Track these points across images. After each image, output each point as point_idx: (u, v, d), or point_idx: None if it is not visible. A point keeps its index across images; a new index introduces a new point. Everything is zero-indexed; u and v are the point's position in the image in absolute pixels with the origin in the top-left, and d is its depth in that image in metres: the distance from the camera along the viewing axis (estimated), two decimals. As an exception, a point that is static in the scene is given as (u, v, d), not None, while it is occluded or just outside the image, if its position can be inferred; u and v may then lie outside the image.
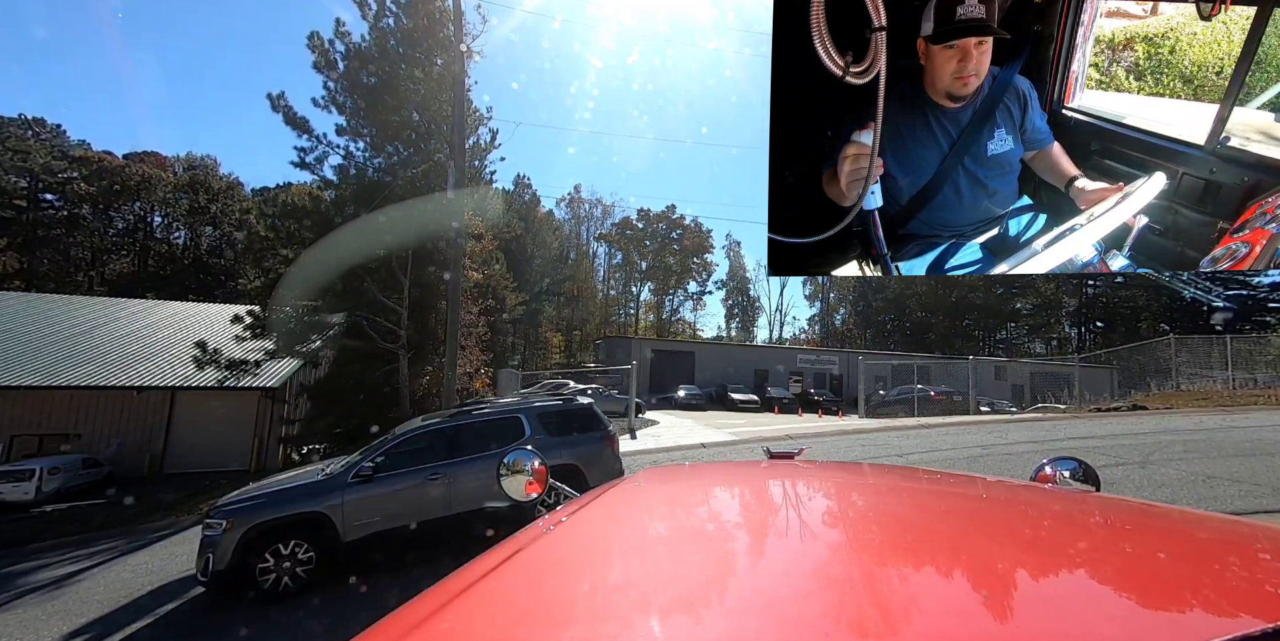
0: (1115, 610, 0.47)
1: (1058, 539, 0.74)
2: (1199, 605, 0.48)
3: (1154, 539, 0.71)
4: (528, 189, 47.88)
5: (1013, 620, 0.45)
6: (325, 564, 4.03)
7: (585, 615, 0.52)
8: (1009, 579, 0.56)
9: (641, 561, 0.68)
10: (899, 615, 0.47)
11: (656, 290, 54.91)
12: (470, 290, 18.03)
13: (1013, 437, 7.53)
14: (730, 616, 0.49)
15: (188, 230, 41.68)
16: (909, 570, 0.59)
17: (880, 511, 0.91)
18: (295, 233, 13.61)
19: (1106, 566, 0.60)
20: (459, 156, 12.63)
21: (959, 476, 1.21)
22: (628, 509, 0.98)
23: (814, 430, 10.01)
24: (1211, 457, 5.66)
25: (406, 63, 14.03)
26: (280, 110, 12.86)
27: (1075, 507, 0.89)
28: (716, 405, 24.03)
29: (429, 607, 0.56)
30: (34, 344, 16.84)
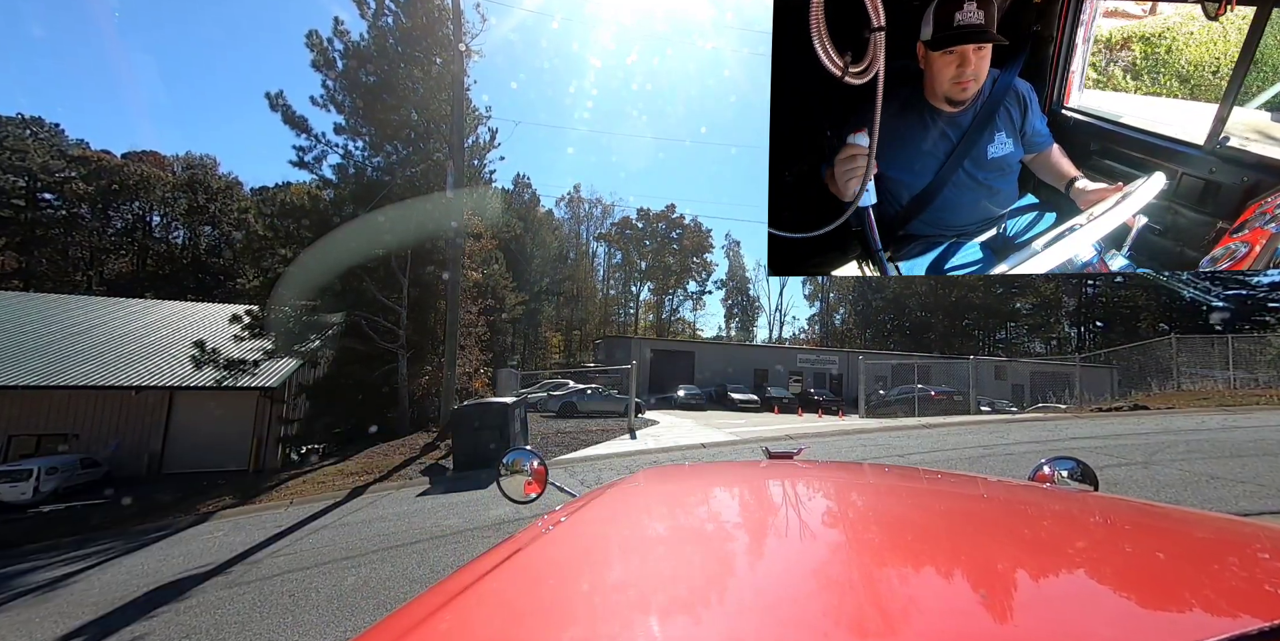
0: (1114, 609, 0.48)
1: (1056, 538, 0.74)
2: (1198, 604, 0.48)
3: (1153, 538, 0.71)
4: (527, 188, 47.85)
5: (1011, 620, 0.45)
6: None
7: (584, 615, 0.51)
8: (1008, 578, 0.56)
9: (640, 561, 0.68)
10: (898, 615, 0.47)
11: (656, 290, 54.90)
12: (470, 289, 18.00)
13: (1014, 437, 7.50)
14: (729, 616, 0.48)
15: (186, 230, 41.62)
16: (908, 570, 0.59)
17: (879, 511, 0.90)
18: (294, 232, 13.57)
19: (1105, 566, 0.60)
20: (458, 156, 12.58)
21: (958, 476, 1.20)
22: (626, 509, 0.98)
23: (814, 430, 9.97)
24: (1215, 458, 5.63)
25: (405, 62, 13.99)
26: (279, 109, 12.80)
27: (1074, 507, 0.89)
28: (716, 405, 24.01)
29: (428, 608, 0.55)
30: (31, 343, 16.79)
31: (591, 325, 51.60)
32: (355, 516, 6.11)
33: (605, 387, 18.25)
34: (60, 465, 13.68)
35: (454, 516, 5.64)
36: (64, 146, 37.77)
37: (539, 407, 17.18)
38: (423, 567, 4.14)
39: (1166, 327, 42.71)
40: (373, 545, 4.88)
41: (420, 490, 7.22)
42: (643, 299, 56.14)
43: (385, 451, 10.32)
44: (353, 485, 7.83)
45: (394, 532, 5.25)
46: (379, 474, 8.38)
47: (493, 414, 8.43)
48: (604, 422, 13.13)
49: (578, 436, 10.51)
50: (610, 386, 19.02)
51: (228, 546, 5.44)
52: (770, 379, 29.80)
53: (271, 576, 4.36)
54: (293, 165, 13.25)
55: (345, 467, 9.00)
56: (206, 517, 6.81)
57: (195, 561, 5.08)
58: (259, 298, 14.11)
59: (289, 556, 4.81)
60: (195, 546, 5.69)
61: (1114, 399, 10.94)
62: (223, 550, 5.32)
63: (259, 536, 5.61)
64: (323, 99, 13.56)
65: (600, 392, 17.41)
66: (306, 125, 13.13)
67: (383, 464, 9.07)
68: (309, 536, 5.42)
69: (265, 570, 4.57)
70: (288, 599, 3.79)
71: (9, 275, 33.07)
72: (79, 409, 15.91)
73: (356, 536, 5.24)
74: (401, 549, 4.68)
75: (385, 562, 4.35)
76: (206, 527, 6.45)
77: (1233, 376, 11.50)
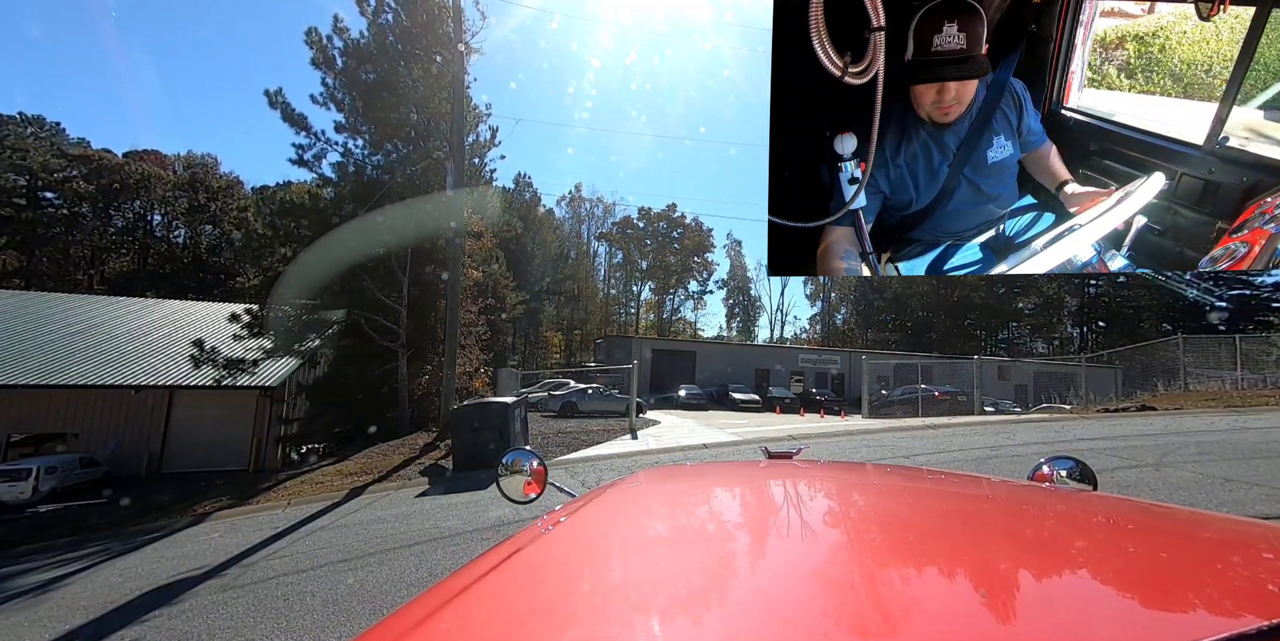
0: (1114, 609, 0.47)
1: (1056, 538, 0.74)
2: (1198, 603, 0.48)
3: (1153, 538, 0.71)
4: (528, 188, 47.79)
5: (1010, 619, 0.45)
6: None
7: (584, 615, 0.51)
8: (1007, 578, 0.56)
9: (640, 561, 0.68)
10: (897, 614, 0.46)
11: (657, 289, 54.83)
12: (470, 288, 17.93)
13: (1021, 438, 7.40)
14: (729, 616, 0.48)
15: (187, 229, 41.60)
16: (907, 570, 0.59)
17: (878, 511, 0.90)
18: (293, 231, 13.50)
19: (1105, 565, 0.60)
20: (458, 154, 12.50)
21: (957, 475, 1.20)
22: (626, 509, 0.98)
23: (818, 430, 9.87)
24: (1226, 459, 5.53)
25: (405, 60, 13.91)
26: (278, 106, 12.73)
27: (1074, 507, 0.89)
28: (717, 405, 23.93)
29: (427, 608, 0.55)
30: (31, 343, 16.75)
31: (592, 325, 51.51)
32: (353, 517, 6.02)
33: (606, 387, 18.18)
34: (59, 464, 13.64)
35: (453, 518, 5.56)
36: (65, 145, 37.76)
37: (540, 407, 17.12)
38: (420, 570, 4.05)
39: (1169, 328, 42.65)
40: (370, 547, 4.80)
41: (419, 491, 7.14)
42: (643, 298, 56.11)
43: (384, 451, 10.24)
44: (351, 485, 7.75)
45: (392, 534, 5.16)
46: (378, 474, 8.30)
47: (492, 414, 8.34)
48: (605, 422, 13.04)
49: (579, 436, 10.43)
50: (611, 386, 18.94)
51: (223, 548, 5.36)
52: (772, 379, 29.70)
53: (266, 579, 4.28)
54: (292, 163, 13.18)
55: (344, 468, 8.91)
56: (203, 518, 6.73)
57: (190, 564, 4.99)
58: (259, 297, 14.06)
59: (285, 559, 4.73)
60: (191, 548, 5.61)
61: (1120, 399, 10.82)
62: (218, 552, 5.23)
63: (255, 538, 5.52)
64: (323, 97, 13.49)
65: (601, 392, 17.33)
66: (306, 123, 13.06)
67: (382, 464, 8.99)
68: (306, 538, 5.34)
69: (260, 573, 4.48)
70: (282, 603, 3.70)
71: (10, 274, 33.06)
72: (78, 408, 15.87)
73: (354, 538, 5.15)
74: (399, 551, 4.59)
75: (382, 565, 4.26)
76: (203, 528, 6.36)
77: (1240, 377, 11.38)
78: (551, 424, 12.90)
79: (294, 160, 13.19)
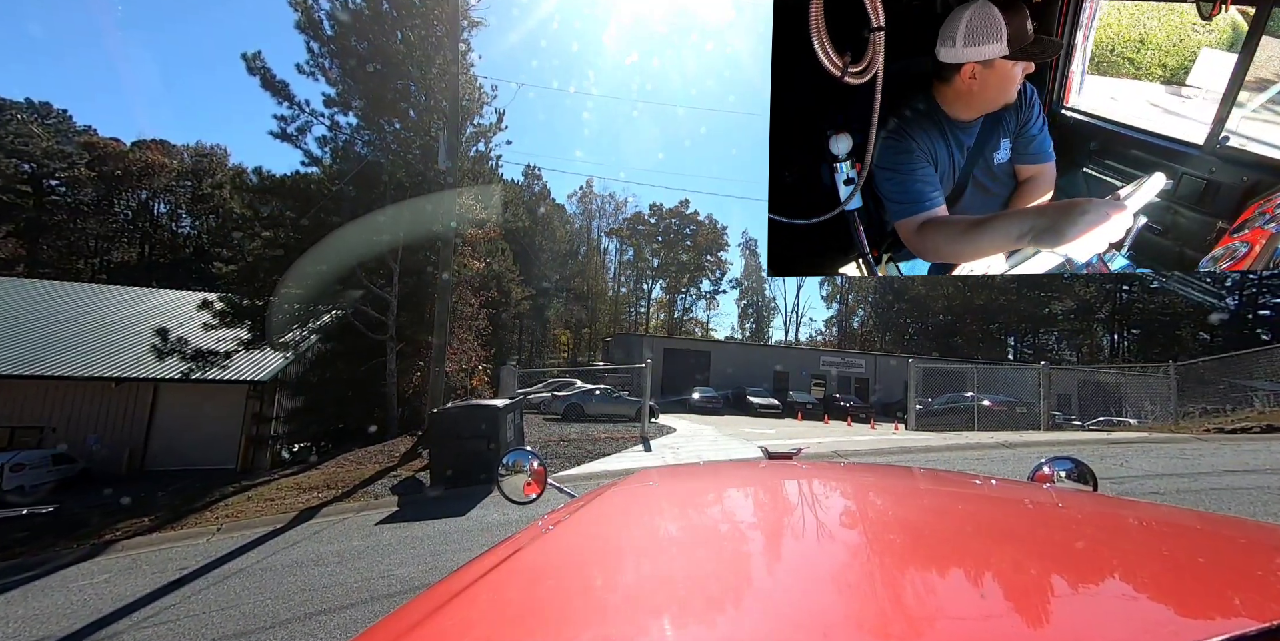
0: (1115, 609, 0.47)
1: (1057, 538, 0.73)
2: (1199, 603, 0.48)
3: (1154, 538, 0.71)
4: (537, 180, 46.67)
5: (1010, 619, 0.45)
6: None
7: (583, 616, 0.50)
8: (1007, 578, 0.55)
9: (640, 562, 0.67)
10: (896, 614, 0.46)
11: (668, 288, 53.30)
12: (471, 279, 16.70)
13: (1139, 467, 5.82)
14: (729, 617, 0.48)
15: (191, 218, 41.05)
16: (907, 570, 0.58)
17: (878, 511, 0.89)
18: (275, 212, 12.37)
19: (1106, 565, 0.60)
20: (453, 125, 11.21)
21: (956, 476, 1.19)
22: (626, 509, 0.96)
23: (866, 445, 8.34)
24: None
25: (402, 28, 12.69)
26: (257, 72, 11.51)
27: (1074, 507, 0.88)
28: (733, 409, 22.49)
29: (427, 608, 0.55)
30: (11, 331, 15.83)
31: (601, 323, 50.23)
32: (286, 556, 4.67)
33: (615, 388, 16.87)
34: (28, 461, 12.71)
35: (411, 561, 4.21)
36: (71, 133, 37.32)
37: (542, 409, 15.86)
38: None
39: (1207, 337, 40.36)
40: (286, 609, 3.46)
41: (382, 516, 5.80)
42: (654, 297, 54.63)
43: (360, 458, 8.94)
44: (304, 505, 6.41)
45: (324, 586, 3.82)
46: (342, 489, 6.98)
47: (481, 419, 7.00)
48: (613, 428, 11.67)
49: (583, 446, 9.05)
50: (620, 387, 17.62)
51: (95, 603, 3.95)
52: (791, 382, 28.09)
53: (121, 665, 2.95)
54: (274, 136, 11.94)
55: (305, 480, 7.58)
56: (103, 549, 5.35)
57: (34, 630, 3.62)
58: (239, 284, 12.99)
59: (163, 627, 3.37)
60: (54, 600, 4.17)
61: (1229, 415, 9.22)
62: (85, 610, 3.83)
63: (146, 586, 4.15)
64: (309, 65, 12.23)
65: (610, 394, 16.01)
66: (288, 91, 11.83)
67: (351, 476, 7.67)
68: (210, 588, 3.98)
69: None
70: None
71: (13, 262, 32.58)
72: (56, 401, 15.01)
73: (271, 591, 3.81)
74: (321, 619, 3.25)
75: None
76: (96, 564, 4.96)
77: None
78: (553, 429, 11.56)
79: (275, 133, 11.97)
